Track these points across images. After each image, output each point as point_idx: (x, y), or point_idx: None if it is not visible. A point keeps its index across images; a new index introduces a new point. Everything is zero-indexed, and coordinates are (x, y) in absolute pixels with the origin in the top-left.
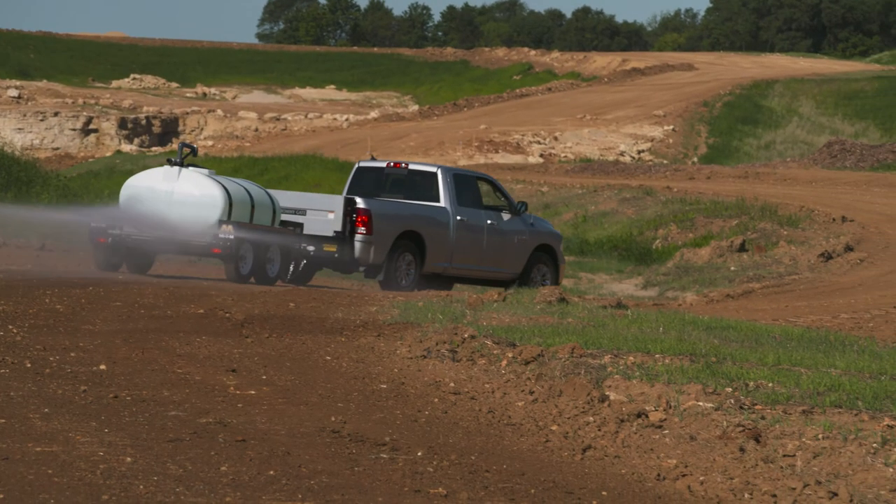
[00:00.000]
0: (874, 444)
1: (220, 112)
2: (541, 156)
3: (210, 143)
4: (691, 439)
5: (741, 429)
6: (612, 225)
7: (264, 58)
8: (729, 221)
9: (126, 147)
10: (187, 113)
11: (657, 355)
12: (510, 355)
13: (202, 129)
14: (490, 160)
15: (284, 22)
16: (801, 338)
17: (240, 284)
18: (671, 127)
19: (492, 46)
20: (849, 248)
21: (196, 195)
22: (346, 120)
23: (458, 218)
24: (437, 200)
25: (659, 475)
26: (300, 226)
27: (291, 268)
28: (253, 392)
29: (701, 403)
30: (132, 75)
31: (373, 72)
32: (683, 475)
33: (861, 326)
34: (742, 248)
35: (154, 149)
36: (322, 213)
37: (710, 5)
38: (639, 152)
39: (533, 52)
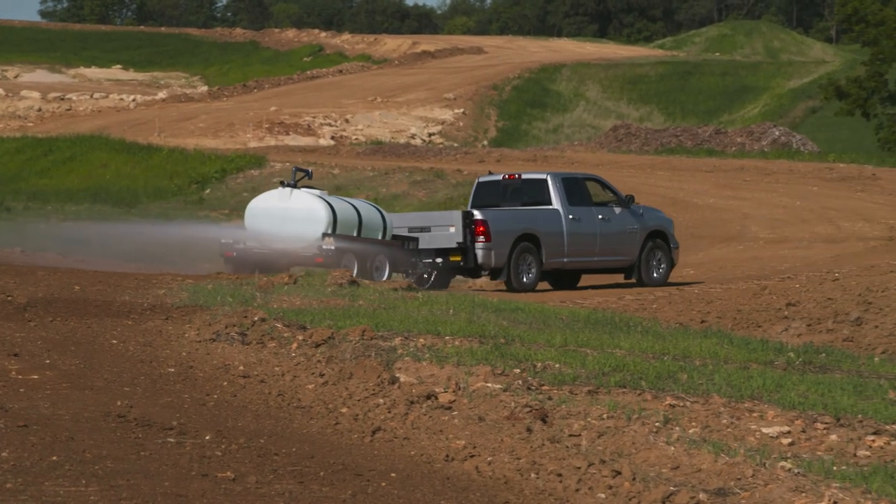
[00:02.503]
0: (657, 423)
1: (1, 91)
2: (332, 138)
3: None
4: (480, 420)
5: (529, 409)
6: (403, 207)
7: (48, 36)
8: None
9: None
10: None
11: (447, 337)
12: (301, 338)
13: None
14: (281, 142)
15: None
16: (587, 319)
17: (21, 266)
18: (461, 110)
19: (282, 28)
20: None
21: (304, 212)
22: (134, 100)
23: (570, 217)
24: (550, 203)
25: (448, 456)
26: (415, 240)
27: (425, 276)
28: (36, 376)
29: (490, 385)
30: None
31: (160, 52)
32: (472, 456)
33: (645, 308)
34: None
35: None
36: (444, 228)
37: None
38: (430, 135)
39: (323, 34)
